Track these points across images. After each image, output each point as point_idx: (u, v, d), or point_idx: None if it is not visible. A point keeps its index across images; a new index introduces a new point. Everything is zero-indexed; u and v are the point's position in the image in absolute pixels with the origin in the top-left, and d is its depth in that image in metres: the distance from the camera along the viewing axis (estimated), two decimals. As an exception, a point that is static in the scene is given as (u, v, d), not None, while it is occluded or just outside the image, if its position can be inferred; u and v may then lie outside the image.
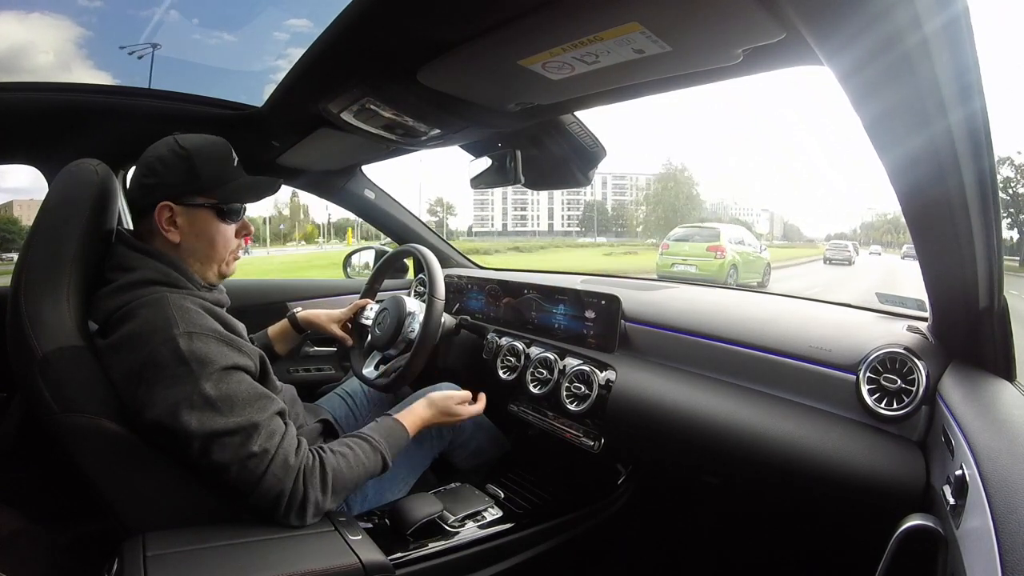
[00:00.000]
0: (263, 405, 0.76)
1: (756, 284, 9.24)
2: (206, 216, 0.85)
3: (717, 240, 9.08)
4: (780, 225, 67.23)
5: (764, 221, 62.41)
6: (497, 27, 0.69)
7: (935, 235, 0.68)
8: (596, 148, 1.21)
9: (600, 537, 1.16)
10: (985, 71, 0.50)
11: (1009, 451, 0.53)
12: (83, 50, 49.13)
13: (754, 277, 9.49)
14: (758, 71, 0.75)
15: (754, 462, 0.88)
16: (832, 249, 18.87)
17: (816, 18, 0.50)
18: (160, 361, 0.72)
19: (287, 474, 0.75)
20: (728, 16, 0.59)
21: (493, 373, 1.33)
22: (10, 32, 47.64)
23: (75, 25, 48.59)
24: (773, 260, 10.84)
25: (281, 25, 47.66)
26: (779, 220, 68.56)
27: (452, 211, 46.84)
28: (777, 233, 60.86)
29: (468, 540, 0.96)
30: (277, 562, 0.71)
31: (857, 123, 0.58)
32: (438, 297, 1.16)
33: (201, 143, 0.84)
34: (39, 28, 47.47)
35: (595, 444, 1.13)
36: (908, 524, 0.60)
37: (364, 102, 0.95)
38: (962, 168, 0.57)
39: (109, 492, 0.74)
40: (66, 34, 49.80)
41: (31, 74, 67.58)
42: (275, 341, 1.20)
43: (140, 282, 0.79)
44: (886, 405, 0.82)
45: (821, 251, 20.86)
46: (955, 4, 0.44)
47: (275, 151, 1.37)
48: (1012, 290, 0.76)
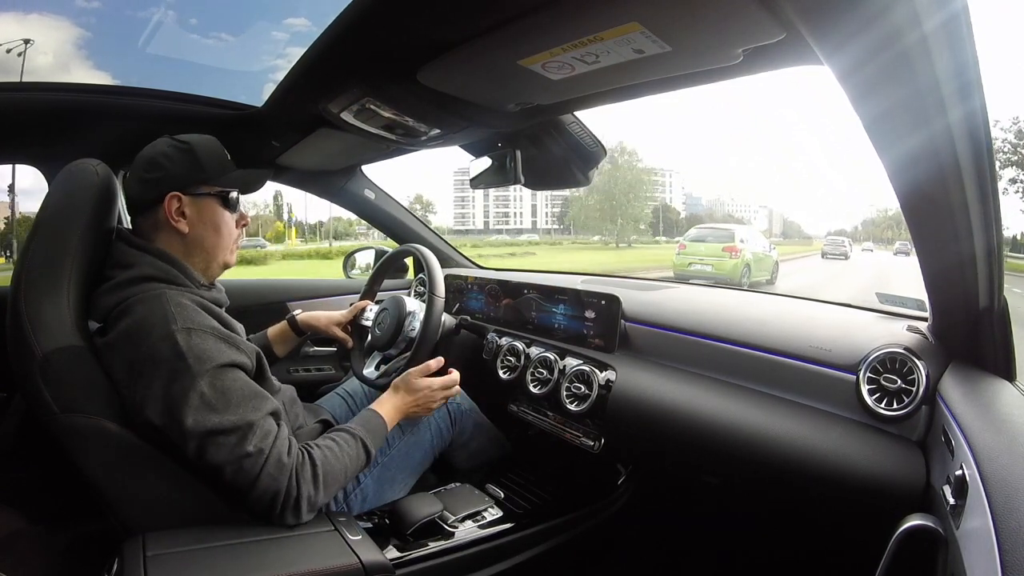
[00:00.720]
0: (258, 404, 0.76)
1: (764, 281, 9.71)
2: (212, 204, 0.87)
3: (731, 241, 9.45)
4: (779, 222, 66.83)
5: (762, 218, 61.72)
6: (497, 27, 0.69)
7: (935, 235, 0.68)
8: (596, 148, 1.21)
9: (600, 537, 1.16)
10: (985, 70, 0.50)
11: (1009, 451, 0.53)
12: (82, 51, 49.16)
13: (763, 275, 9.88)
14: (758, 71, 0.76)
15: (754, 462, 0.88)
16: (829, 245, 20.60)
17: (816, 18, 0.50)
18: (158, 357, 0.72)
19: (282, 473, 0.75)
20: (728, 16, 0.59)
21: (493, 373, 1.33)
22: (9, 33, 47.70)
23: (74, 26, 48.63)
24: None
25: (280, 25, 47.64)
26: (778, 217, 68.01)
27: (432, 208, 46.18)
28: (776, 230, 60.47)
29: (468, 540, 0.96)
30: (277, 562, 0.71)
31: (857, 122, 0.58)
32: (438, 295, 1.16)
33: (197, 138, 0.87)
34: (38, 29, 47.47)
35: (595, 444, 1.13)
36: (908, 524, 0.60)
37: (364, 102, 0.95)
38: (962, 167, 0.57)
39: (109, 492, 0.74)
40: (65, 35, 49.83)
41: (30, 74, 67.70)
42: (274, 342, 1.20)
43: (138, 278, 0.79)
44: (886, 405, 0.82)
45: (818, 247, 22.53)
46: (954, 3, 0.44)
47: (275, 151, 1.37)
48: (1015, 288, 0.76)
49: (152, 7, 39.69)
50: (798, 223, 68.23)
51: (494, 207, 47.16)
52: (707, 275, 8.90)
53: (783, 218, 68.75)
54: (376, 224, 1.85)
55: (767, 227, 58.07)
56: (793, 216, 78.70)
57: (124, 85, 1.53)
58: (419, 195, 45.62)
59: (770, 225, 60.33)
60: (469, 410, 1.24)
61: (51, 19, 48.52)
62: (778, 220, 65.54)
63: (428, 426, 1.14)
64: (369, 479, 1.01)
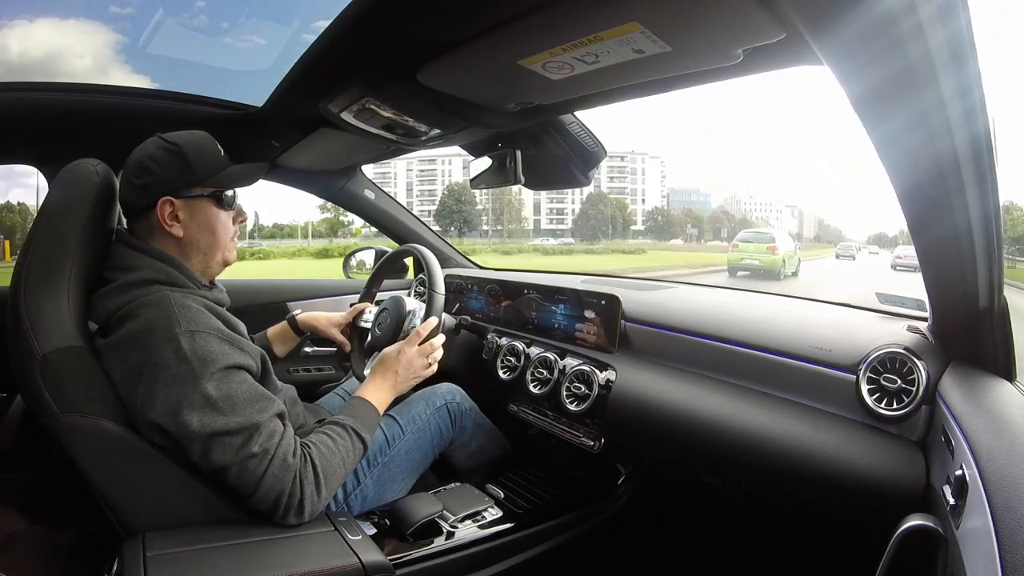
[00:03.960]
0: (264, 406, 0.76)
1: (791, 273, 13.20)
2: (206, 206, 0.86)
3: (773, 242, 13.04)
4: (814, 224, 63.06)
5: (787, 217, 58.80)
6: (497, 27, 0.69)
7: (935, 235, 0.68)
8: (596, 148, 1.21)
9: (600, 537, 1.16)
10: (985, 70, 0.50)
11: (1009, 451, 0.53)
12: (120, 55, 49.28)
13: (791, 268, 13.35)
14: (758, 71, 0.76)
15: (754, 462, 0.88)
16: (842, 248, 28.24)
17: (816, 18, 0.50)
18: (162, 360, 0.72)
19: (286, 474, 0.75)
20: (728, 16, 0.59)
21: (493, 373, 1.33)
22: (47, 38, 47.91)
23: (110, 31, 48.80)
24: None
25: (281, 25, 47.64)
26: (812, 219, 64.05)
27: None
28: (809, 233, 57.99)
29: (468, 540, 0.96)
30: (277, 562, 0.71)
31: (857, 122, 0.58)
32: (438, 291, 1.15)
33: (187, 137, 0.85)
34: (75, 33, 47.78)
35: (595, 444, 1.13)
36: (908, 524, 0.60)
37: (364, 102, 0.95)
38: (962, 167, 0.57)
39: (109, 492, 0.74)
40: (103, 39, 50.09)
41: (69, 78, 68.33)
42: (274, 343, 1.20)
43: (141, 281, 0.79)
44: (886, 405, 0.82)
45: (833, 251, 29.97)
46: (955, 4, 0.44)
47: (275, 151, 1.37)
48: (1018, 283, 0.77)
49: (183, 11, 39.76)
50: (838, 227, 66.09)
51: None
52: (755, 267, 12.48)
53: (819, 220, 66.31)
54: (376, 224, 1.85)
55: (797, 229, 56.72)
56: (830, 219, 75.91)
57: (124, 85, 1.53)
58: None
59: (800, 227, 58.52)
60: (469, 410, 1.24)
61: (87, 24, 48.76)
62: (812, 222, 63.17)
63: (428, 426, 1.14)
64: (369, 479, 1.01)
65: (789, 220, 58.92)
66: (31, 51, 52.23)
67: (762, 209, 59.34)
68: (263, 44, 41.12)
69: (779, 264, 12.43)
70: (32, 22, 50.90)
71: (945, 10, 0.44)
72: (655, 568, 1.27)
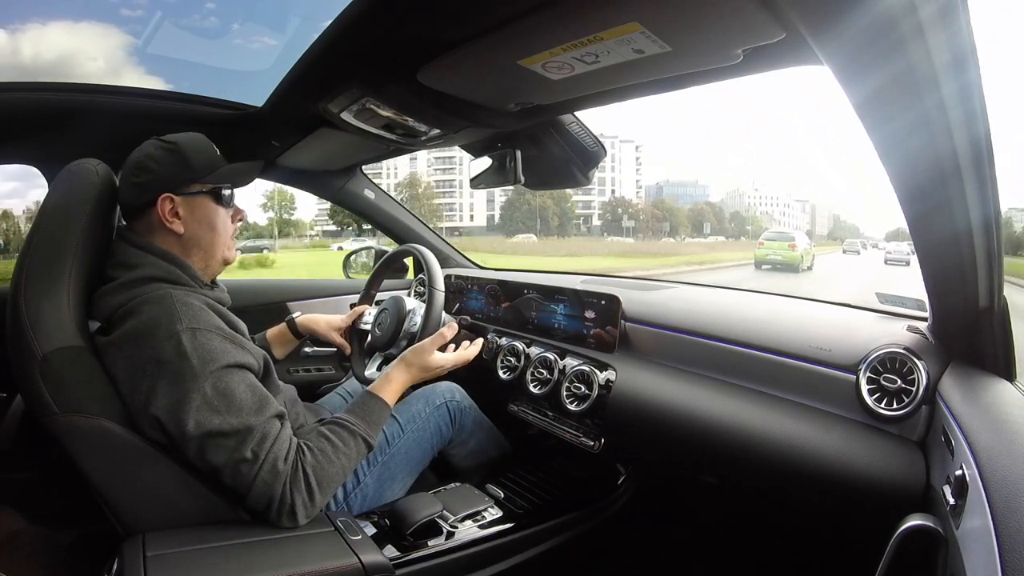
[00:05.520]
0: (261, 407, 0.76)
1: (807, 267, 15.52)
2: (205, 202, 0.86)
3: (793, 240, 15.65)
4: (828, 220, 60.12)
5: (797, 212, 56.08)
6: (497, 27, 0.69)
7: (936, 235, 0.68)
8: (596, 148, 1.21)
9: (600, 537, 1.16)
10: (986, 71, 0.50)
11: (1009, 451, 0.53)
12: (133, 57, 49.41)
13: (807, 263, 15.61)
14: (758, 71, 0.76)
15: (754, 462, 0.88)
16: (848, 244, 31.10)
17: (816, 18, 0.50)
18: (163, 357, 0.72)
19: (276, 480, 0.74)
20: (728, 16, 0.59)
21: (493, 373, 1.33)
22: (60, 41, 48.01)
23: (122, 32, 49.01)
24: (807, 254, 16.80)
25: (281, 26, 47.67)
26: (827, 215, 61.28)
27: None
28: (822, 230, 55.64)
29: (468, 540, 0.96)
30: (277, 562, 0.71)
31: (857, 122, 0.58)
32: (438, 289, 1.15)
33: (184, 137, 0.86)
34: (87, 36, 47.89)
35: (595, 444, 1.13)
36: (908, 524, 0.60)
37: (364, 102, 0.95)
38: (962, 168, 0.57)
39: (109, 492, 0.74)
40: (115, 41, 50.31)
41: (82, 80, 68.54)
42: (273, 344, 1.20)
43: (143, 279, 0.79)
44: (886, 405, 0.82)
45: (839, 247, 32.67)
46: (954, 4, 0.44)
47: (275, 151, 1.37)
48: (1019, 280, 0.77)
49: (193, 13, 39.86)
50: (855, 224, 63.80)
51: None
52: (777, 262, 15.05)
53: (834, 216, 63.91)
54: (376, 224, 1.85)
55: (809, 225, 54.75)
56: (847, 215, 71.95)
57: (124, 85, 1.53)
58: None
59: (813, 223, 56.38)
60: (468, 408, 1.24)
61: (100, 26, 48.83)
62: (826, 218, 60.72)
63: (428, 424, 1.14)
64: (369, 478, 1.01)
65: (800, 215, 57.10)
66: (44, 54, 52.36)
67: (767, 203, 56.93)
68: (263, 45, 41.20)
69: (798, 259, 14.86)
70: (45, 25, 51.00)
71: (945, 11, 0.44)
72: (655, 568, 1.27)
